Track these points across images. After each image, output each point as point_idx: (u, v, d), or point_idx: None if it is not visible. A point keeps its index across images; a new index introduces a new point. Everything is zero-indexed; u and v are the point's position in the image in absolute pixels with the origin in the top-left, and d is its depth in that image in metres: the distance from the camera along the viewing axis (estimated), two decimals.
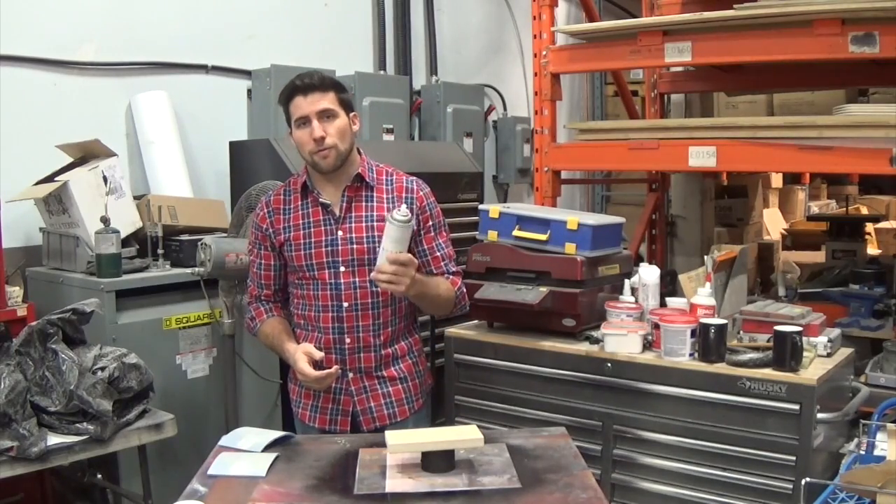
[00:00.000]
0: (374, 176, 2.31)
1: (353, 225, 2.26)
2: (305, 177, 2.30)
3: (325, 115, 2.19)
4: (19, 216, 3.07)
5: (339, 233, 2.26)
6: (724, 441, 2.41)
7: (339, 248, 2.25)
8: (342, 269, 2.25)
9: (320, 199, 2.27)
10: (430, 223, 2.35)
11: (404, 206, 2.16)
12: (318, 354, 2.21)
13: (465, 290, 2.43)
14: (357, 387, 2.30)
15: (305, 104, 2.19)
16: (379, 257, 2.12)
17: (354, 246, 2.25)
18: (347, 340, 2.27)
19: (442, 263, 2.37)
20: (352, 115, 2.27)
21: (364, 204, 2.28)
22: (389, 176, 2.34)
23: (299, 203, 2.30)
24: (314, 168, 2.26)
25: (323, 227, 2.27)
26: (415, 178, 2.39)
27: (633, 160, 3.62)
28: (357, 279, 2.25)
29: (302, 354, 2.19)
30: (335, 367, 2.20)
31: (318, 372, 2.16)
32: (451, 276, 2.38)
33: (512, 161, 5.38)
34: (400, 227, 2.09)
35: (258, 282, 2.38)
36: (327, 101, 2.20)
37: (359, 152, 2.33)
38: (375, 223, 2.26)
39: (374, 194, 2.30)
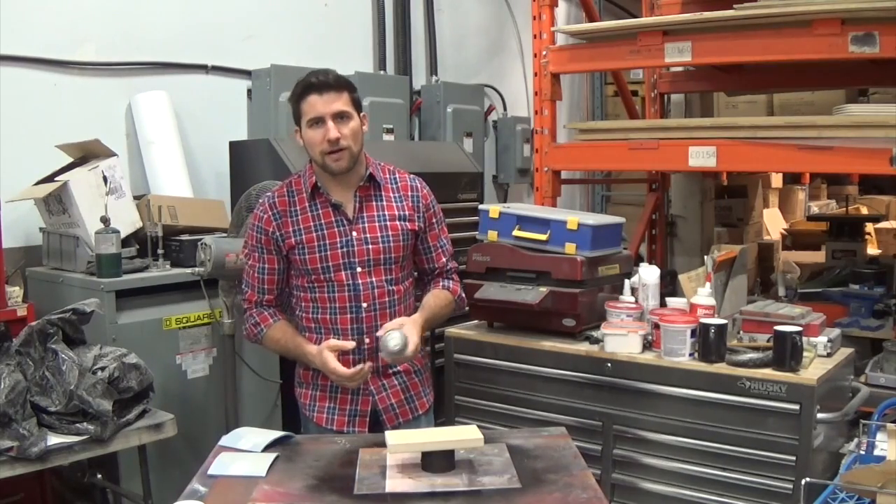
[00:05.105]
0: (381, 175, 2.31)
1: (367, 225, 2.25)
2: (314, 177, 2.25)
3: (340, 116, 2.16)
4: (19, 216, 3.08)
5: (354, 233, 2.23)
6: (724, 441, 2.41)
7: (355, 248, 2.23)
8: (359, 269, 2.23)
9: (332, 200, 2.24)
10: (434, 220, 2.38)
11: (395, 334, 2.10)
12: (350, 345, 2.17)
13: (463, 294, 2.47)
14: (376, 385, 2.28)
15: (321, 104, 2.15)
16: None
17: (370, 246, 2.23)
18: (367, 340, 2.24)
19: (443, 260, 2.40)
20: (361, 115, 2.25)
21: (375, 203, 2.28)
22: (393, 174, 2.35)
23: (306, 204, 2.25)
24: (324, 169, 2.22)
25: (336, 229, 2.23)
26: (415, 175, 2.40)
27: (633, 160, 3.62)
28: (374, 279, 2.24)
29: (329, 353, 2.14)
30: (368, 364, 2.17)
31: (351, 370, 2.14)
32: (450, 282, 2.42)
33: (512, 161, 5.37)
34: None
35: (259, 287, 2.30)
36: (342, 102, 2.17)
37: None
38: (388, 223, 2.26)
39: (383, 193, 2.29)
